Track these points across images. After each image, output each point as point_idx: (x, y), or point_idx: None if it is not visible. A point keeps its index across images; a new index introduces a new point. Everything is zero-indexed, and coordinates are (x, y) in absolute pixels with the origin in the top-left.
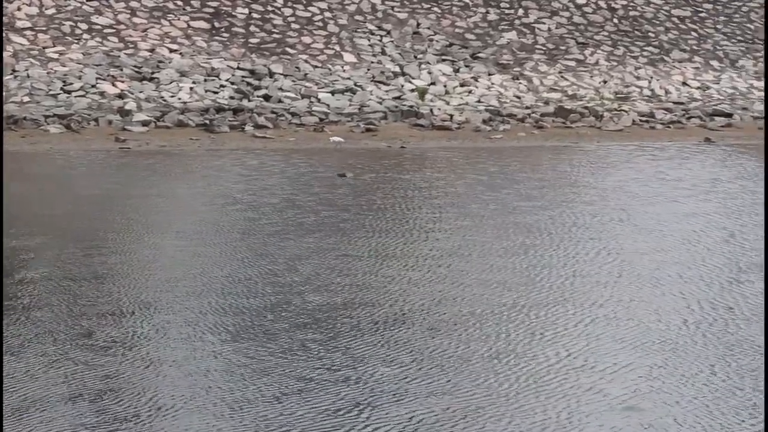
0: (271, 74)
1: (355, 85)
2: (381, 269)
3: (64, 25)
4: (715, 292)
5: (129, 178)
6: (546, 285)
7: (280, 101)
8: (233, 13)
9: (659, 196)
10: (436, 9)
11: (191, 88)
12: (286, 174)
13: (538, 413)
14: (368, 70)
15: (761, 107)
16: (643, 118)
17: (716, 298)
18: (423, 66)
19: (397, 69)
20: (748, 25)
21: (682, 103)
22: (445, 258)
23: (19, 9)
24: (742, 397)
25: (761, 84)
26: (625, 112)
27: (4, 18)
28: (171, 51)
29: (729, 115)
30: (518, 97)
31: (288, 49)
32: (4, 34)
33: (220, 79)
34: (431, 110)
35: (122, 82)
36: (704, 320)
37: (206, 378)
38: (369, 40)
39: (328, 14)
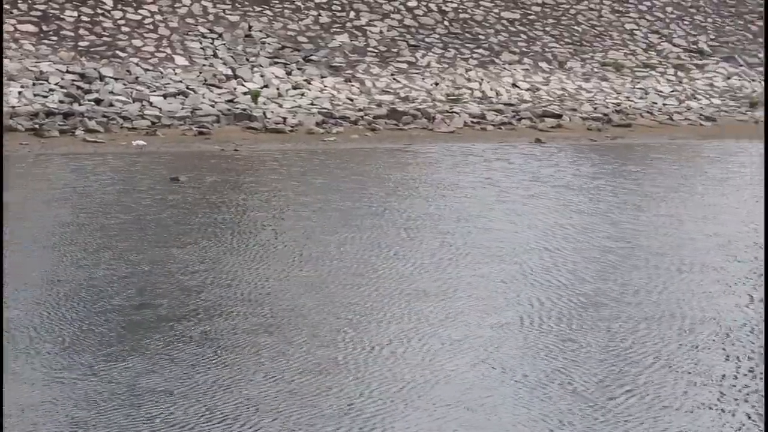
0: (102, 78)
1: (187, 88)
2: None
3: None
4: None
5: None
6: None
7: (111, 105)
8: (61, 16)
9: (487, 197)
10: (267, 12)
11: (20, 93)
12: (117, 177)
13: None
14: (200, 73)
15: (589, 108)
16: (475, 120)
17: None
18: (255, 69)
19: (230, 72)
20: (576, 27)
21: (512, 105)
22: (261, 252)
23: None
24: None
25: (589, 85)
26: (457, 113)
27: None
28: None
29: (558, 116)
30: (351, 100)
31: (118, 52)
32: None
33: (49, 83)
34: (264, 113)
35: None
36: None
37: None
38: (201, 43)
39: (158, 17)
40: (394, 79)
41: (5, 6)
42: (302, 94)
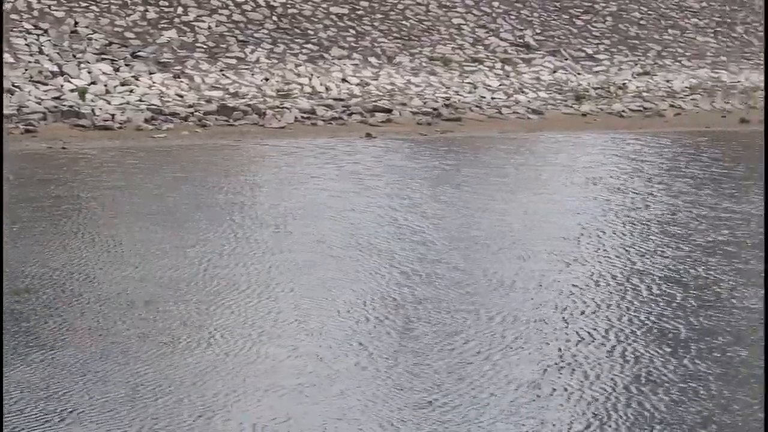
0: None
1: (13, 85)
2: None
3: None
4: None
5: None
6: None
7: None
8: None
9: (315, 191)
10: (94, 7)
11: None
12: None
13: None
14: (26, 70)
15: (419, 102)
16: (305, 115)
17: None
18: (82, 65)
19: (56, 68)
20: (404, 22)
21: (342, 100)
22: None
23: None
24: None
25: (418, 80)
26: (287, 109)
27: None
28: None
29: (389, 111)
30: (180, 96)
31: None
32: None
33: None
34: (92, 110)
35: None
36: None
37: None
38: (26, 39)
39: None
40: (223, 74)
41: None
42: (131, 91)
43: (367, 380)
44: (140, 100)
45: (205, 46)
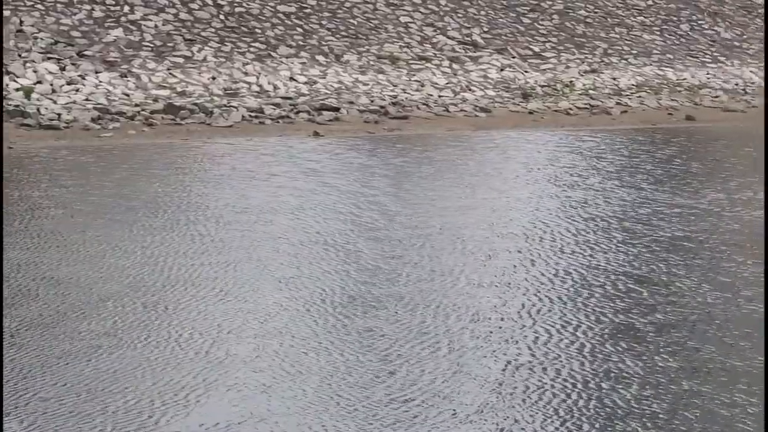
0: None
1: None
2: None
3: None
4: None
5: None
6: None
7: None
8: None
9: (265, 189)
10: (39, 6)
11: None
12: None
13: None
14: None
15: (366, 101)
16: (253, 114)
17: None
18: (28, 64)
19: None
20: (352, 20)
21: (290, 98)
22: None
23: None
24: None
25: (366, 78)
26: (235, 108)
27: None
28: None
29: (336, 109)
30: (127, 95)
31: None
32: None
33: None
34: (38, 110)
35: None
36: None
37: None
38: None
39: None
40: (170, 73)
41: None
42: (77, 90)
43: (330, 379)
44: (87, 100)
45: (151, 45)
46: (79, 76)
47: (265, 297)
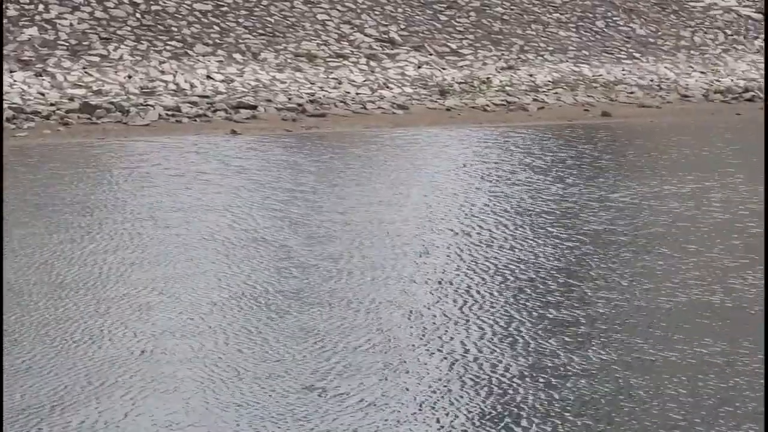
0: None
1: None
2: None
3: None
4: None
5: None
6: None
7: None
8: None
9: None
10: None
11: None
12: None
13: None
14: None
15: (284, 98)
16: (170, 113)
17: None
18: None
19: None
20: (269, 18)
21: (207, 97)
22: None
23: None
24: None
25: (283, 76)
26: (151, 106)
27: None
28: None
29: (254, 108)
30: (42, 94)
31: None
32: None
33: None
34: None
35: None
36: None
37: None
38: None
39: None
40: (86, 72)
41: None
42: None
43: (267, 377)
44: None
45: (67, 44)
46: None
47: (200, 295)
